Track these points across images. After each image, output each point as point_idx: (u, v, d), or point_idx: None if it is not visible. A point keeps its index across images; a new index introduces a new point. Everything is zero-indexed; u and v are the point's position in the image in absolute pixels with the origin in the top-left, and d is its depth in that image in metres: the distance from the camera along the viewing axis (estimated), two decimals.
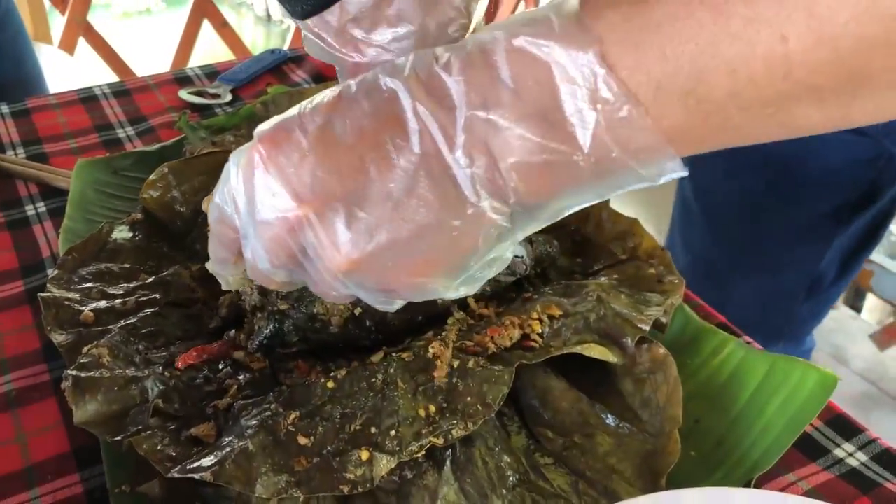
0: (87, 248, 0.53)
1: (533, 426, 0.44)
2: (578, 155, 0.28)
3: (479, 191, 0.29)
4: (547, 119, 0.28)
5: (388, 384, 0.40)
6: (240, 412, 0.40)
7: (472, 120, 0.28)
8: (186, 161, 0.57)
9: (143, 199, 0.56)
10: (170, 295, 0.50)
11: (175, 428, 0.41)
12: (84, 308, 0.48)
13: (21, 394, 0.48)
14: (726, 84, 0.26)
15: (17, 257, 0.60)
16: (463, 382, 0.40)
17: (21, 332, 0.53)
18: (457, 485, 0.39)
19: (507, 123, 0.28)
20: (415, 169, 0.29)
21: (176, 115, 0.78)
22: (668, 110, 0.27)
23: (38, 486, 0.43)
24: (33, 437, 0.46)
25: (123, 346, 0.45)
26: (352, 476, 0.37)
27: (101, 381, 0.42)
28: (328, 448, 0.38)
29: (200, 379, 0.44)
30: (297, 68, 0.90)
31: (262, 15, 3.47)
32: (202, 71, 0.88)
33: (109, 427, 0.41)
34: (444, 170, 0.29)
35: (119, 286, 0.51)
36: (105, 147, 0.74)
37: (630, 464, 0.42)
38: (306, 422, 0.39)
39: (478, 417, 0.39)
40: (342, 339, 0.46)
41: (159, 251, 0.54)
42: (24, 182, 0.68)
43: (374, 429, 0.38)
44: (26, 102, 0.80)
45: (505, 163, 0.29)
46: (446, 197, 0.29)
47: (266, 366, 0.46)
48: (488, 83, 0.28)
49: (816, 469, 0.45)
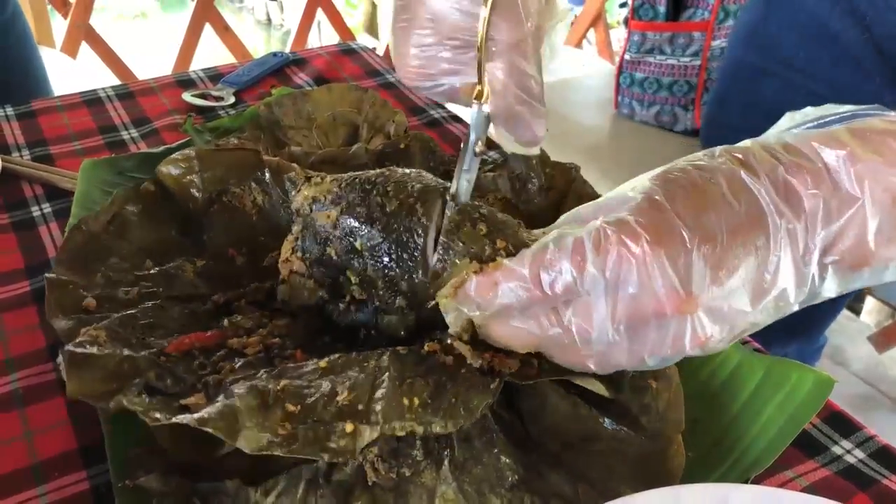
0: (97, 221, 0.53)
1: (531, 428, 0.44)
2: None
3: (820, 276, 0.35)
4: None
5: (380, 370, 0.40)
6: (231, 384, 0.40)
7: (827, 230, 0.34)
8: (215, 150, 0.58)
9: (158, 172, 0.56)
10: (173, 289, 0.50)
11: (165, 399, 0.41)
12: (87, 294, 0.48)
13: (28, 392, 0.49)
14: None
15: (23, 258, 0.60)
16: (452, 383, 0.40)
17: (27, 332, 0.53)
18: (455, 484, 0.39)
19: (854, 230, 0.34)
20: (774, 269, 0.34)
21: (179, 117, 0.79)
22: None
23: (45, 482, 0.44)
24: (40, 434, 0.46)
25: (121, 330, 0.45)
26: (335, 445, 0.36)
27: (97, 358, 0.42)
28: (313, 417, 0.38)
29: (195, 364, 0.44)
30: (300, 70, 0.91)
31: (263, 19, 3.48)
32: (205, 73, 0.89)
33: (101, 399, 0.40)
34: (799, 268, 0.34)
35: (124, 273, 0.51)
36: (109, 149, 0.74)
37: (629, 465, 0.42)
38: (295, 391, 0.39)
39: (458, 420, 0.39)
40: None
41: (167, 234, 0.54)
42: (30, 183, 0.69)
43: (361, 406, 0.38)
44: (31, 105, 0.80)
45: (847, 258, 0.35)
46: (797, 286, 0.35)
47: (261, 350, 0.46)
48: (838, 198, 0.34)
49: (814, 466, 0.45)
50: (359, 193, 0.45)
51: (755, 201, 0.34)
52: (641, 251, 0.33)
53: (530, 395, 0.44)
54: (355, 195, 0.45)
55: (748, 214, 0.34)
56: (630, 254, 0.33)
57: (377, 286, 0.45)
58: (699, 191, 0.34)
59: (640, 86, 1.42)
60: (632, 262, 0.33)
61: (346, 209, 0.45)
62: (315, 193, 0.47)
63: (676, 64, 1.37)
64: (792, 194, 0.34)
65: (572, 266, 0.34)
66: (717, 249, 0.33)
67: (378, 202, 0.45)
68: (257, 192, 0.57)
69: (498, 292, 0.37)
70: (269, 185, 0.57)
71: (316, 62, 0.93)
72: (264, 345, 0.46)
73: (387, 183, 0.46)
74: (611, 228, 0.34)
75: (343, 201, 0.46)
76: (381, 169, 0.48)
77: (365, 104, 0.70)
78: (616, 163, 1.37)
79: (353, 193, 0.46)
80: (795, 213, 0.34)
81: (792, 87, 0.74)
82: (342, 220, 0.45)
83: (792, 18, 0.73)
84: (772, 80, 0.76)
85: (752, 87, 0.78)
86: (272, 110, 0.68)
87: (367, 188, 0.46)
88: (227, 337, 0.46)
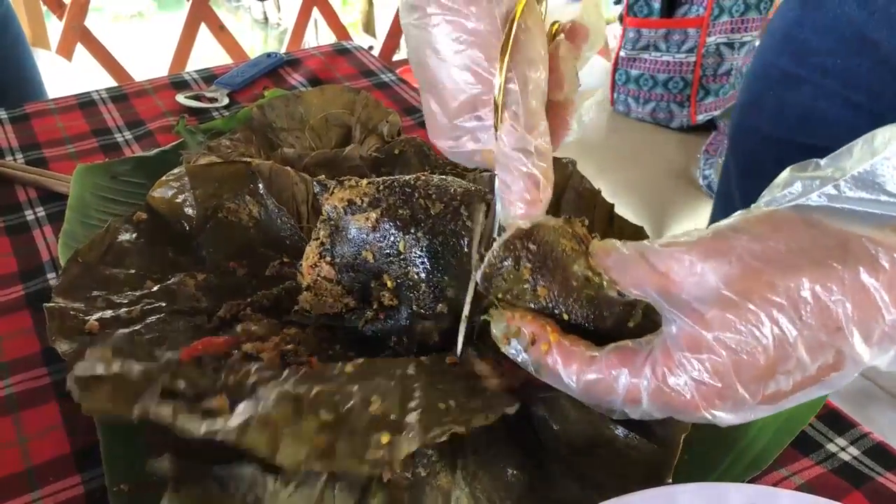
0: (91, 252, 0.52)
1: (543, 436, 0.44)
2: None
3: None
4: None
5: (408, 378, 0.40)
6: (255, 386, 0.40)
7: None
8: (206, 166, 0.57)
9: (150, 198, 0.56)
10: (175, 304, 0.50)
11: (184, 404, 0.40)
12: (89, 318, 0.47)
13: (21, 397, 0.49)
14: None
15: (16, 262, 0.60)
16: (478, 390, 0.40)
17: (21, 336, 0.53)
18: (468, 490, 0.39)
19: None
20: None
21: (173, 119, 0.79)
22: None
23: (39, 487, 0.44)
24: (34, 439, 0.46)
25: (127, 347, 0.44)
26: (373, 457, 0.36)
27: (106, 376, 0.41)
28: (349, 427, 0.37)
29: (209, 369, 0.43)
30: (294, 71, 0.91)
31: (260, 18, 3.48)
32: (199, 75, 0.89)
33: (122, 410, 0.39)
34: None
35: (124, 294, 0.50)
36: (103, 151, 0.74)
37: (640, 471, 0.42)
38: (328, 398, 0.38)
39: (493, 416, 0.38)
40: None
41: (164, 255, 0.54)
42: (24, 187, 0.69)
43: (394, 416, 0.38)
44: (25, 108, 0.80)
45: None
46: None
47: (276, 356, 0.45)
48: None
49: (809, 464, 0.45)
50: (399, 196, 0.45)
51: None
52: None
53: (542, 402, 0.43)
54: (395, 198, 0.45)
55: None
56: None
57: (420, 289, 0.45)
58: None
59: (636, 82, 1.42)
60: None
61: (387, 211, 0.45)
62: (351, 196, 0.46)
63: (672, 60, 1.37)
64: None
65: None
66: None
67: (422, 204, 0.44)
68: (252, 205, 0.56)
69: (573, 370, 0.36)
70: (264, 196, 0.56)
71: (310, 63, 0.92)
72: (280, 350, 0.45)
73: (427, 186, 0.45)
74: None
75: (383, 203, 0.45)
76: (416, 174, 0.47)
77: (357, 105, 0.70)
78: (612, 159, 1.37)
79: (392, 196, 0.45)
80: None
81: (826, 94, 0.73)
82: (383, 222, 0.44)
83: (829, 24, 0.72)
84: (805, 86, 0.74)
85: (784, 93, 0.77)
86: (264, 113, 0.68)
87: (408, 191, 0.45)
88: (241, 343, 0.46)
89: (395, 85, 0.88)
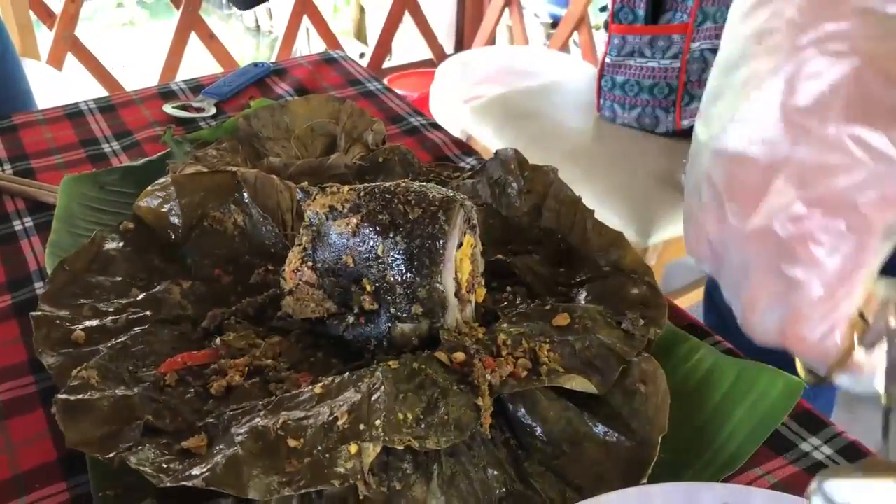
0: (78, 260, 0.53)
1: (522, 436, 0.44)
2: None
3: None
4: None
5: (374, 387, 0.41)
6: (230, 422, 0.41)
7: None
8: (192, 176, 0.58)
9: (136, 208, 0.57)
10: (160, 312, 0.50)
11: (166, 443, 0.41)
12: (75, 327, 0.48)
13: (8, 405, 0.50)
14: None
15: (4, 272, 0.61)
16: (443, 401, 0.41)
17: (8, 345, 0.54)
18: (443, 498, 0.40)
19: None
20: None
21: (160, 129, 0.79)
22: None
23: (25, 494, 0.44)
24: (21, 447, 0.47)
25: (112, 366, 0.45)
26: (342, 470, 0.37)
27: (91, 403, 0.42)
28: (318, 447, 0.38)
29: (191, 394, 0.45)
30: (281, 81, 0.92)
31: (252, 26, 3.48)
32: (186, 85, 0.90)
33: (102, 446, 0.41)
34: None
35: (111, 302, 0.51)
36: (91, 162, 0.75)
37: (617, 471, 0.43)
38: (295, 424, 0.39)
39: (450, 437, 0.40)
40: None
41: (150, 263, 0.55)
42: (12, 197, 0.69)
43: (363, 425, 0.39)
44: (13, 118, 0.81)
45: None
46: None
47: (250, 372, 0.46)
48: None
49: (783, 463, 0.46)
50: (379, 202, 0.46)
51: None
52: None
53: (520, 400, 0.44)
54: (376, 203, 0.47)
55: None
56: None
57: (395, 292, 0.46)
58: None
59: (622, 89, 1.43)
60: None
61: (367, 216, 0.46)
62: (332, 202, 0.47)
63: (657, 67, 1.38)
64: None
65: None
66: None
67: (401, 210, 0.46)
68: (237, 214, 0.57)
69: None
70: (249, 205, 0.57)
71: (297, 72, 0.93)
72: (254, 366, 0.46)
73: (407, 192, 0.47)
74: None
75: (363, 209, 0.46)
76: (396, 181, 0.49)
77: (342, 114, 0.71)
78: (598, 165, 1.38)
79: (373, 202, 0.47)
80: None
81: None
82: (363, 227, 0.46)
83: None
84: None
85: None
86: (250, 122, 0.69)
87: (388, 196, 0.47)
88: (220, 357, 0.47)
89: (381, 94, 0.89)
